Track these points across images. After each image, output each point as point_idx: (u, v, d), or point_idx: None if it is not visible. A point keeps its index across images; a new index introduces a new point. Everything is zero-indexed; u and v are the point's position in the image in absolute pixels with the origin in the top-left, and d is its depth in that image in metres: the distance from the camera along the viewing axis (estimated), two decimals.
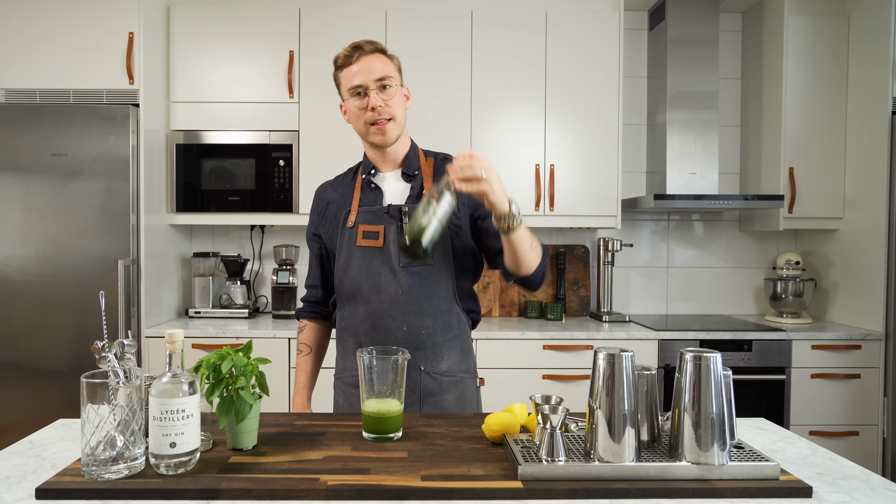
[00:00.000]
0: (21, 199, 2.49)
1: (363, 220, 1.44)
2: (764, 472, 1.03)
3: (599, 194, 2.86)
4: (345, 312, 1.48)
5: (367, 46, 1.42)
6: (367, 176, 1.49)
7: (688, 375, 1.05)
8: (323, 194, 1.56)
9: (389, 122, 1.43)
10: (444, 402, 1.44)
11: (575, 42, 2.84)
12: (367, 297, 1.42)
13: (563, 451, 1.05)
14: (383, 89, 1.42)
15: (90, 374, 1.01)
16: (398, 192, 1.47)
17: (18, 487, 1.01)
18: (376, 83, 1.41)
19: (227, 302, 2.96)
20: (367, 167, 1.51)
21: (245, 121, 2.79)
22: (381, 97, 1.41)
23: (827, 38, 2.89)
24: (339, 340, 1.52)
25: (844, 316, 2.89)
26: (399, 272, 1.40)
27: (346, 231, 1.45)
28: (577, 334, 2.59)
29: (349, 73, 1.42)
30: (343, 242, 1.46)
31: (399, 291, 1.40)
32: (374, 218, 1.43)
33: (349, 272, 1.44)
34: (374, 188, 1.49)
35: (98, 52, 2.56)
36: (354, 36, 2.79)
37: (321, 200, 1.55)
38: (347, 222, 1.46)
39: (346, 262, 1.45)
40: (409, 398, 1.42)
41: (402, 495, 0.98)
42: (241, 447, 1.15)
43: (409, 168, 1.49)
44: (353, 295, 1.44)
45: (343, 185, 1.54)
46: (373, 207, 1.45)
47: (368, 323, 1.42)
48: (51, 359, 2.49)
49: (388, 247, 1.41)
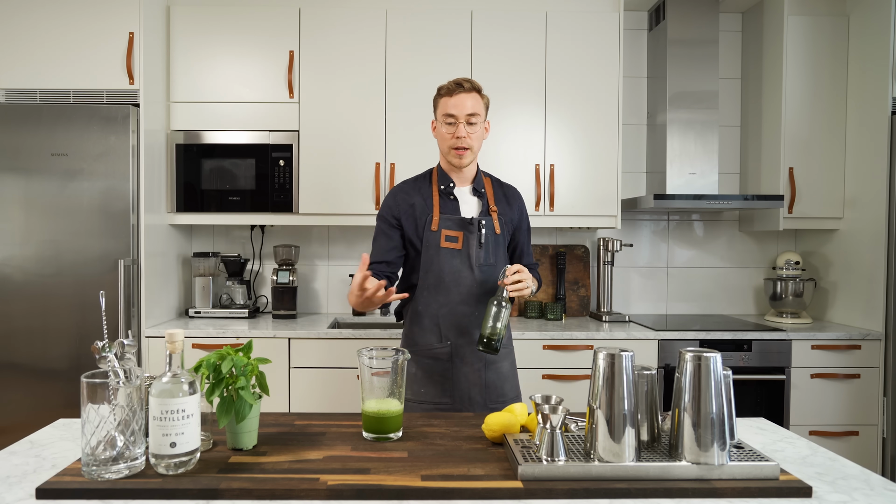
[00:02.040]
0: (21, 200, 2.49)
1: (445, 226, 1.78)
2: (764, 472, 1.03)
3: (599, 194, 2.86)
4: (425, 298, 1.80)
5: (466, 85, 1.77)
6: (446, 188, 1.83)
7: (688, 375, 1.05)
8: (406, 195, 1.84)
9: (467, 150, 1.77)
10: (502, 367, 1.82)
11: (575, 42, 2.84)
12: (448, 288, 1.77)
13: (563, 451, 1.05)
14: (470, 124, 1.76)
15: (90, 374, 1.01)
16: (472, 205, 1.85)
17: (19, 487, 1.01)
18: (466, 117, 1.75)
19: (227, 302, 2.96)
20: (443, 179, 1.84)
21: (245, 121, 2.79)
22: (467, 129, 1.76)
23: (827, 38, 2.89)
24: (415, 321, 1.82)
25: (844, 316, 2.89)
26: (476, 270, 1.78)
27: (431, 233, 1.78)
28: (577, 334, 2.59)
29: (447, 102, 1.77)
30: (428, 242, 1.78)
31: (474, 285, 1.78)
32: (454, 225, 1.79)
33: (433, 267, 1.78)
34: (452, 199, 1.83)
35: (98, 52, 2.57)
36: (354, 36, 2.81)
37: (405, 199, 1.83)
38: (432, 226, 1.79)
39: (431, 259, 1.78)
40: (476, 365, 1.78)
41: (402, 495, 0.98)
42: (241, 447, 1.15)
43: (478, 186, 1.86)
44: (436, 286, 1.78)
45: (423, 192, 1.84)
46: (453, 217, 1.80)
47: (447, 308, 1.77)
48: (51, 359, 2.49)
49: (465, 249, 1.78)
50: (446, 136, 1.77)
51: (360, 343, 2.55)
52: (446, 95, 1.77)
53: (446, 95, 1.77)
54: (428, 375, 1.79)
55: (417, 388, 1.80)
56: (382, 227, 1.84)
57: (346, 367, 2.55)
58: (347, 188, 2.80)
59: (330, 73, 2.80)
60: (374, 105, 2.81)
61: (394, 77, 2.80)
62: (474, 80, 1.80)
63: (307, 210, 2.79)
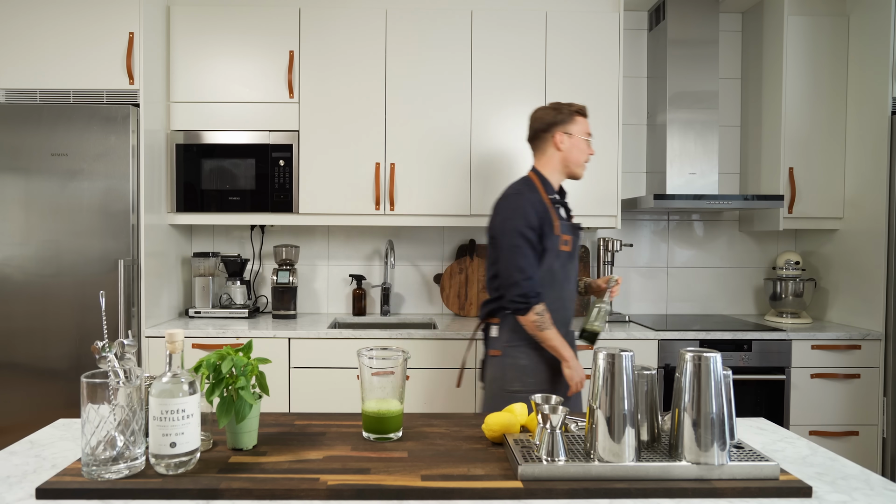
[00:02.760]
0: (21, 200, 2.49)
1: (563, 231, 1.96)
2: (764, 472, 1.03)
3: (599, 194, 2.86)
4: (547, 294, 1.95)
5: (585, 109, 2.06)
6: (555, 196, 2.02)
7: (688, 375, 1.05)
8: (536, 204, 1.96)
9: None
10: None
11: (575, 42, 2.84)
12: (561, 284, 1.99)
13: (563, 451, 1.05)
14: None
15: (90, 374, 1.01)
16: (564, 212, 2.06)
17: (19, 487, 1.01)
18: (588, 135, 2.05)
19: (227, 302, 2.96)
20: (550, 189, 2.02)
21: (245, 121, 2.79)
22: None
23: (827, 38, 2.89)
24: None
25: (844, 316, 2.89)
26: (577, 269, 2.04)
27: (554, 237, 1.95)
28: None
29: (586, 122, 2.05)
30: (551, 244, 1.95)
31: (576, 282, 2.07)
32: (568, 230, 1.99)
33: (555, 266, 1.96)
34: (557, 207, 2.02)
35: (98, 52, 2.57)
36: (354, 36, 2.81)
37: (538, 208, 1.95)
38: (554, 230, 1.95)
39: (553, 259, 1.96)
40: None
41: (402, 495, 0.98)
42: (241, 447, 1.15)
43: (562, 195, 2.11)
44: (551, 284, 1.96)
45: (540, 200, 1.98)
46: (567, 222, 2.01)
47: (559, 304, 1.98)
48: (51, 359, 2.49)
49: (574, 251, 2.01)
50: (585, 152, 2.03)
51: (360, 343, 2.55)
52: (584, 116, 2.04)
53: (584, 116, 2.04)
54: (538, 367, 1.97)
55: (527, 378, 1.96)
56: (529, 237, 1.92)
57: (346, 367, 2.55)
58: (347, 188, 2.80)
59: (330, 73, 2.80)
60: (374, 105, 2.81)
61: (394, 77, 2.80)
62: None
63: (307, 210, 2.79)
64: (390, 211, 2.81)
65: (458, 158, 2.81)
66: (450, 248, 3.19)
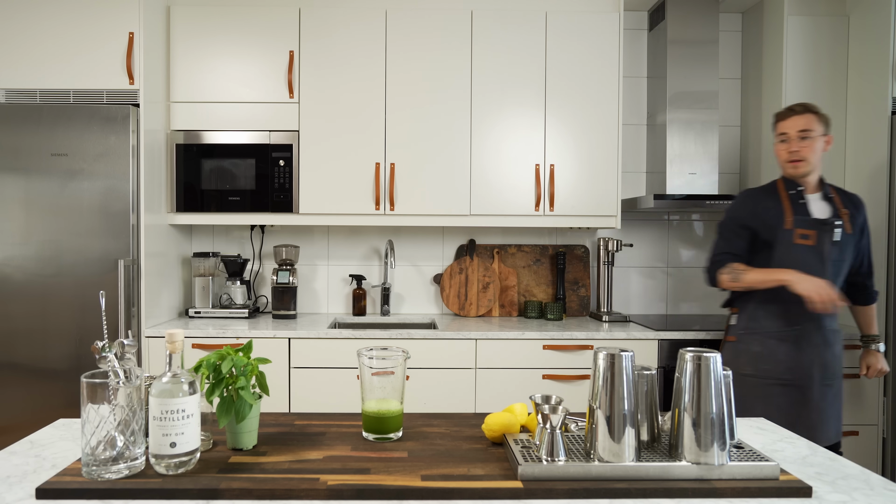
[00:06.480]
0: (21, 200, 2.49)
1: (798, 225, 2.08)
2: (764, 472, 1.03)
3: (599, 194, 2.86)
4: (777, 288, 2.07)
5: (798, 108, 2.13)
6: (796, 193, 2.14)
7: (687, 375, 1.05)
8: (756, 201, 2.18)
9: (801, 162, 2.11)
10: (836, 350, 2.12)
11: (575, 42, 2.84)
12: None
13: (563, 450, 1.05)
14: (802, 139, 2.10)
15: (90, 374, 1.01)
16: (822, 209, 2.14)
17: (19, 487, 1.01)
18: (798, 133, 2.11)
19: (227, 302, 2.96)
20: (790, 186, 2.16)
21: (245, 121, 2.79)
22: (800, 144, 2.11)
23: (827, 39, 2.89)
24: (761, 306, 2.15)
25: (844, 316, 2.89)
26: (827, 264, 2.07)
27: (784, 232, 2.09)
28: (576, 334, 2.59)
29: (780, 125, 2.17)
30: (781, 238, 2.09)
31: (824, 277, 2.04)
32: (807, 225, 2.08)
33: (787, 261, 2.08)
34: (801, 204, 2.12)
35: (98, 52, 2.57)
36: (354, 36, 2.81)
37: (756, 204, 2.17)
38: (785, 224, 2.10)
39: (784, 253, 2.09)
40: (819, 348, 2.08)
41: (402, 495, 0.98)
42: (241, 447, 1.15)
43: (826, 192, 2.16)
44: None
45: (772, 197, 2.16)
46: (807, 218, 2.09)
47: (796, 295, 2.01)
48: (51, 359, 2.49)
49: (819, 246, 2.07)
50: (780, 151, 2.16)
51: (360, 343, 2.55)
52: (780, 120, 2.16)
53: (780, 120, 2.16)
54: (772, 354, 2.11)
55: (760, 364, 2.12)
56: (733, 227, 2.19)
57: (346, 367, 2.55)
58: (347, 188, 2.80)
59: (330, 73, 2.80)
60: (374, 105, 2.81)
61: (394, 77, 2.80)
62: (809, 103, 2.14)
63: (307, 210, 2.79)
64: (390, 211, 2.81)
65: (458, 158, 2.82)
66: (450, 248, 3.19)
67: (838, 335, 2.14)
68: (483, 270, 3.10)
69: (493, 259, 3.14)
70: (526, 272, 3.16)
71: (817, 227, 2.08)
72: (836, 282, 2.11)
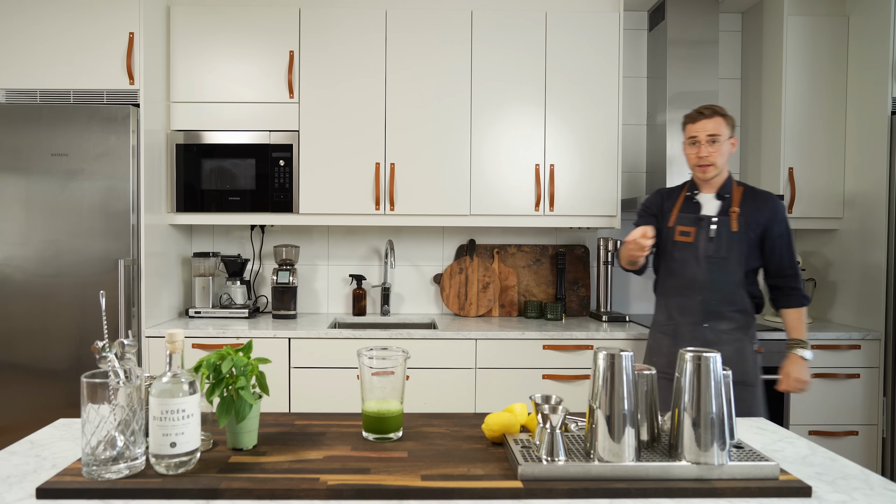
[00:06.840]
0: (21, 200, 2.49)
1: (679, 223, 2.13)
2: (763, 472, 1.03)
3: (599, 194, 2.86)
4: (662, 283, 2.21)
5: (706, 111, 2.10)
6: (691, 194, 2.17)
7: (687, 375, 1.05)
8: (663, 198, 2.24)
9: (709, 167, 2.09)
10: (723, 352, 2.03)
11: (575, 42, 2.84)
12: (676, 274, 2.13)
13: (563, 450, 1.05)
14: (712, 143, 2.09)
15: (90, 374, 1.02)
16: (712, 207, 2.12)
17: (19, 487, 1.01)
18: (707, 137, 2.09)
19: (227, 302, 2.96)
20: (692, 187, 2.18)
21: (245, 121, 2.79)
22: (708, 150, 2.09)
23: (826, 39, 2.89)
24: (657, 301, 2.24)
25: (844, 316, 2.89)
26: (702, 261, 2.07)
27: (668, 229, 2.16)
28: (576, 334, 2.59)
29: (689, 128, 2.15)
30: (666, 235, 2.16)
31: (698, 272, 2.08)
32: (687, 222, 2.12)
33: (667, 256, 2.16)
34: (694, 203, 2.15)
35: (98, 52, 2.57)
36: (354, 36, 2.81)
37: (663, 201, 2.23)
38: (668, 222, 2.16)
39: (667, 249, 2.15)
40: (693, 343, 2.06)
41: (402, 495, 0.98)
42: (241, 447, 1.15)
43: (722, 192, 2.13)
44: (669, 271, 2.16)
45: (673, 197, 2.21)
46: (688, 215, 2.13)
47: (675, 290, 2.13)
48: (51, 359, 2.49)
49: (696, 242, 2.09)
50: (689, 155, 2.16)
51: (360, 343, 2.55)
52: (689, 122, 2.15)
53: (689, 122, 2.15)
54: (659, 348, 2.17)
55: (652, 357, 2.19)
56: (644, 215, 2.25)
57: (346, 367, 2.55)
58: (347, 188, 2.80)
59: (330, 73, 2.80)
60: (374, 105, 2.81)
61: (394, 77, 2.80)
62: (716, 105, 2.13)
63: (307, 210, 2.79)
64: (390, 211, 2.81)
65: (458, 158, 2.82)
66: (450, 248, 3.19)
67: (735, 336, 2.06)
68: (483, 270, 3.10)
69: (493, 259, 3.14)
70: (526, 272, 3.16)
71: (695, 224, 2.10)
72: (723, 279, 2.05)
